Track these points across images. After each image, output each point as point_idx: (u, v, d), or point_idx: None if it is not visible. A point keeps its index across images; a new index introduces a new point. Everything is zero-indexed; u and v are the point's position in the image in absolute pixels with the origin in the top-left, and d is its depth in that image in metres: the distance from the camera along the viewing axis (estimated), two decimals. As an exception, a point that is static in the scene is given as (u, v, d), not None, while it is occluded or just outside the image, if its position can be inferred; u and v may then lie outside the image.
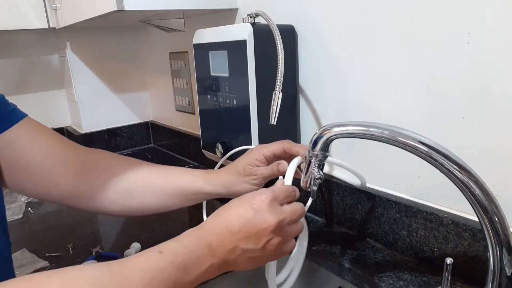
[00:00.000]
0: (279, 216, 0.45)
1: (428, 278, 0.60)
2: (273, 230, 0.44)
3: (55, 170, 0.58)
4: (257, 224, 0.44)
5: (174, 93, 1.33)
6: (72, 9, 1.00)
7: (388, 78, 0.65)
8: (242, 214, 0.45)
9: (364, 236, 0.73)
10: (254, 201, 0.46)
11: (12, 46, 1.38)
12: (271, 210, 0.45)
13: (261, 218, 0.44)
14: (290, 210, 0.47)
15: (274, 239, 0.45)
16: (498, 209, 0.41)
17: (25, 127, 0.56)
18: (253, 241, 0.44)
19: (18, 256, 0.78)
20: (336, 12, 0.70)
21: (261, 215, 0.45)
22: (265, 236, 0.44)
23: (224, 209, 0.47)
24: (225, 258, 0.44)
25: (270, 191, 0.47)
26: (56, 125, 1.50)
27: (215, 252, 0.44)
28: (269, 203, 0.45)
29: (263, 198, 0.46)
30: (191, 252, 0.43)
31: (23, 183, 0.57)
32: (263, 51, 0.73)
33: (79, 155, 0.61)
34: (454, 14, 0.54)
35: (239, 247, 0.44)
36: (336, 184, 0.76)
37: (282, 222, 0.45)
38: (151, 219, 0.91)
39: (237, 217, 0.45)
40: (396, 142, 0.43)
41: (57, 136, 0.60)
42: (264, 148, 0.60)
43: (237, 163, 0.62)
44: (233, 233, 0.44)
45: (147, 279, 0.38)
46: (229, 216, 0.45)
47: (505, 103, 0.52)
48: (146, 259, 0.40)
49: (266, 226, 0.44)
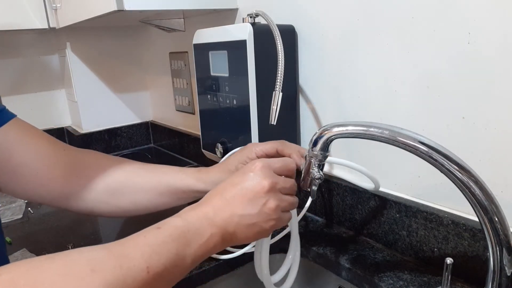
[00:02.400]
0: (272, 179, 0.46)
1: (428, 278, 0.60)
2: (267, 191, 0.45)
3: (44, 171, 0.57)
4: (250, 187, 0.45)
5: (174, 93, 1.33)
6: (72, 9, 1.00)
7: (388, 78, 0.65)
8: (235, 181, 0.46)
9: (364, 236, 0.73)
10: (248, 167, 0.47)
11: (12, 46, 1.38)
12: (263, 173, 0.46)
13: (254, 181, 0.45)
14: (283, 179, 0.48)
15: (270, 202, 0.46)
16: (498, 209, 0.41)
17: (14, 128, 0.55)
18: (249, 206, 0.45)
19: (18, 256, 0.78)
20: (336, 12, 0.70)
21: (254, 178, 0.46)
22: (260, 197, 0.45)
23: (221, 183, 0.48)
24: (224, 227, 0.44)
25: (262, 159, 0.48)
26: (56, 125, 1.50)
27: (213, 222, 0.44)
28: (261, 167, 0.47)
29: (256, 163, 0.47)
30: (190, 223, 0.43)
31: (12, 184, 0.56)
32: (263, 51, 0.73)
33: (68, 156, 0.61)
34: (454, 14, 0.54)
35: (236, 213, 0.44)
36: (336, 184, 0.76)
37: (275, 184, 0.46)
38: (151, 219, 0.90)
39: (231, 184, 0.46)
40: (396, 142, 0.43)
41: (47, 137, 0.60)
42: (257, 147, 0.60)
43: (229, 161, 0.62)
44: (228, 200, 0.45)
45: (147, 254, 0.38)
46: (223, 185, 0.47)
47: (505, 103, 0.52)
48: (145, 236, 0.41)
49: (260, 187, 0.45)
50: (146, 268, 0.37)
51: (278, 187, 0.47)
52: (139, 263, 0.37)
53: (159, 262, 0.39)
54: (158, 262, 0.38)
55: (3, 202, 1.04)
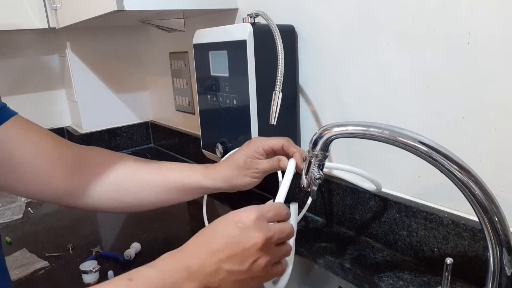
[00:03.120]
0: (266, 233, 0.42)
1: (428, 278, 0.60)
2: (259, 248, 0.41)
3: (47, 169, 0.56)
4: (242, 241, 0.41)
5: (174, 93, 1.33)
6: (72, 9, 1.00)
7: (388, 78, 0.65)
8: (226, 232, 0.42)
9: (364, 236, 0.73)
10: (239, 218, 0.42)
11: (12, 46, 1.38)
12: (257, 226, 0.42)
13: (246, 235, 0.41)
14: (278, 228, 0.44)
15: (261, 259, 0.41)
16: (498, 209, 0.41)
17: (15, 125, 0.54)
18: (238, 261, 0.40)
19: (18, 256, 0.78)
20: (336, 12, 0.70)
21: (247, 232, 0.41)
22: (251, 255, 0.41)
23: (207, 228, 0.44)
24: (206, 282, 0.40)
25: (258, 207, 0.44)
26: (56, 125, 1.50)
27: (195, 276, 0.40)
28: (255, 220, 0.42)
29: (249, 214, 0.42)
30: (166, 276, 0.39)
31: (14, 182, 0.55)
32: (263, 51, 0.73)
33: (71, 153, 0.60)
34: (454, 14, 0.54)
35: (223, 268, 0.40)
36: (336, 184, 0.76)
37: (269, 240, 0.42)
38: (151, 219, 0.91)
39: (220, 235, 0.41)
40: (396, 142, 0.43)
41: (49, 134, 0.59)
42: (263, 141, 0.60)
43: (236, 156, 0.61)
44: (216, 253, 0.40)
45: None
46: (211, 235, 0.42)
47: (505, 103, 0.52)
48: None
49: (252, 243, 0.41)
50: None
51: (273, 240, 0.42)
52: None
53: None
54: None
55: (3, 202, 1.04)
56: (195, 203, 0.99)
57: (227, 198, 0.95)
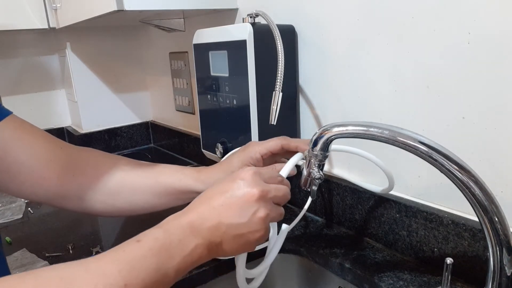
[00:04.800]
0: (263, 187, 0.44)
1: (428, 278, 0.60)
2: (257, 199, 0.43)
3: (40, 169, 0.56)
4: (240, 195, 0.43)
5: (174, 93, 1.33)
6: (72, 9, 1.00)
7: (388, 78, 0.65)
8: (224, 188, 0.44)
9: (364, 236, 0.73)
10: (237, 174, 0.45)
11: (12, 46, 1.38)
12: (254, 181, 0.44)
13: (244, 189, 0.43)
14: (274, 185, 0.46)
15: (260, 211, 0.43)
16: (498, 209, 0.41)
17: (9, 125, 0.54)
18: (238, 214, 0.42)
19: (18, 256, 0.78)
20: (336, 12, 0.70)
21: (244, 185, 0.43)
22: (249, 206, 0.42)
23: (208, 189, 0.46)
24: (210, 237, 0.42)
25: (253, 168, 0.46)
26: (56, 125, 1.50)
27: (198, 231, 0.41)
28: (252, 175, 0.44)
29: (246, 170, 0.45)
30: (172, 234, 0.40)
31: (7, 182, 0.55)
32: (263, 51, 0.73)
33: (65, 154, 0.59)
34: (454, 14, 0.54)
35: (223, 222, 0.42)
36: (336, 184, 0.76)
37: (266, 193, 0.44)
38: (151, 219, 0.90)
39: (219, 191, 0.43)
40: (396, 142, 0.43)
41: (43, 134, 0.58)
42: (259, 146, 0.59)
43: (231, 161, 0.60)
44: (215, 208, 0.42)
45: (125, 270, 0.36)
46: (212, 193, 0.44)
47: (505, 103, 0.51)
48: (124, 250, 0.38)
49: (250, 195, 0.43)
50: (124, 285, 0.35)
51: (270, 195, 0.44)
52: (116, 281, 0.35)
53: (138, 278, 0.36)
54: (136, 279, 0.36)
55: (3, 202, 1.04)
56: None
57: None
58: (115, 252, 0.38)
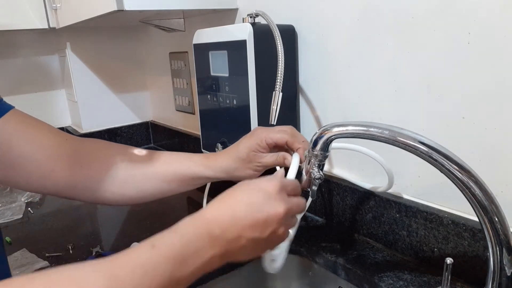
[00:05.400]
0: (288, 205, 0.43)
1: (428, 278, 0.60)
2: (281, 218, 0.42)
3: (47, 162, 0.56)
4: (266, 211, 0.41)
5: (174, 93, 1.33)
6: (72, 9, 1.00)
7: (388, 78, 0.65)
8: (251, 200, 0.42)
9: (364, 236, 0.73)
10: (264, 187, 0.43)
11: (12, 46, 1.38)
12: (280, 197, 0.43)
13: (272, 205, 0.42)
14: (296, 201, 0.45)
15: (280, 229, 0.43)
16: (498, 209, 0.41)
17: (12, 119, 0.54)
18: (260, 230, 0.41)
19: (18, 256, 0.78)
20: (337, 12, 0.70)
21: (272, 202, 0.42)
22: (272, 224, 0.42)
23: (229, 195, 0.43)
24: (227, 248, 0.41)
25: (278, 179, 0.44)
26: (56, 125, 1.50)
27: (217, 242, 0.40)
28: (279, 191, 0.43)
29: (274, 185, 0.43)
30: (189, 243, 0.39)
31: (14, 176, 0.55)
32: (263, 51, 0.73)
33: (71, 146, 0.59)
34: (454, 14, 0.54)
35: (244, 236, 0.41)
36: (336, 184, 0.76)
37: (289, 212, 0.43)
38: (151, 219, 0.91)
39: (245, 203, 0.42)
40: (396, 142, 0.43)
41: (47, 127, 0.58)
42: (267, 134, 0.58)
43: (239, 148, 0.60)
44: (239, 220, 0.41)
45: (138, 275, 0.35)
46: (235, 202, 0.42)
47: (505, 103, 0.52)
48: (137, 254, 0.38)
49: (276, 213, 0.42)
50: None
51: (291, 213, 0.44)
52: (128, 285, 0.35)
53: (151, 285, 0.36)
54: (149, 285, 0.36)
55: (3, 202, 1.04)
56: (195, 203, 0.99)
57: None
58: (128, 255, 0.38)
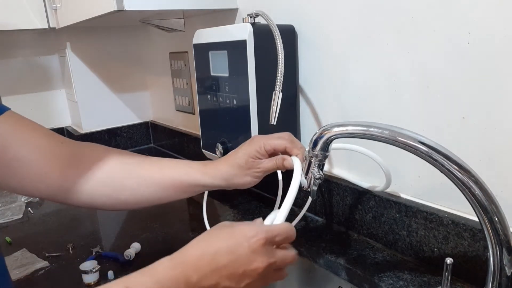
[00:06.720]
0: (270, 260, 0.42)
1: (428, 278, 0.60)
2: (260, 273, 0.42)
3: (41, 165, 0.55)
4: (246, 264, 0.41)
5: (174, 93, 1.33)
6: (72, 9, 1.00)
7: (388, 78, 0.65)
8: (231, 249, 0.41)
9: (364, 236, 0.73)
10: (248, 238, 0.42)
11: (12, 46, 1.38)
12: (263, 252, 0.42)
13: (252, 259, 0.41)
14: (282, 255, 0.44)
15: (257, 282, 0.43)
16: (498, 209, 0.41)
17: (7, 121, 0.53)
18: (237, 280, 0.41)
19: (18, 256, 0.78)
20: (336, 12, 0.70)
21: (252, 255, 0.41)
22: (250, 277, 0.42)
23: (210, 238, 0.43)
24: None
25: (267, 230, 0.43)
26: (56, 125, 1.50)
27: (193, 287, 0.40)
28: (263, 244, 0.42)
29: (259, 238, 0.42)
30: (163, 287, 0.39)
31: (9, 179, 0.54)
32: (263, 51, 0.73)
33: (66, 149, 0.58)
34: (454, 14, 0.54)
35: (221, 284, 0.41)
36: (336, 184, 0.76)
37: (271, 266, 0.43)
38: (151, 219, 0.91)
39: (226, 251, 0.41)
40: (396, 142, 0.43)
41: (43, 130, 0.58)
42: (265, 141, 0.58)
43: (237, 155, 0.60)
44: (218, 269, 0.41)
45: None
46: (216, 248, 0.42)
47: (505, 103, 0.52)
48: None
49: (255, 268, 0.41)
50: None
51: (273, 267, 0.43)
52: None
53: None
54: None
55: (3, 202, 1.04)
56: (195, 203, 0.99)
57: (227, 198, 0.95)
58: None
